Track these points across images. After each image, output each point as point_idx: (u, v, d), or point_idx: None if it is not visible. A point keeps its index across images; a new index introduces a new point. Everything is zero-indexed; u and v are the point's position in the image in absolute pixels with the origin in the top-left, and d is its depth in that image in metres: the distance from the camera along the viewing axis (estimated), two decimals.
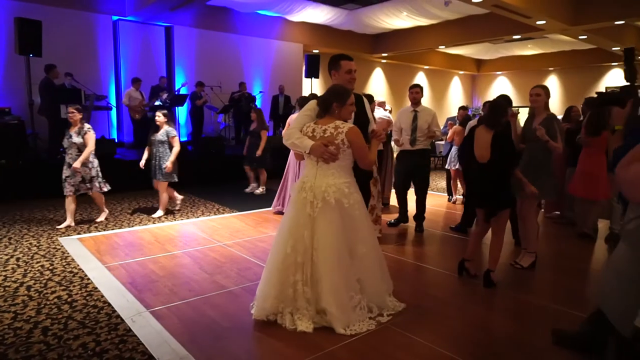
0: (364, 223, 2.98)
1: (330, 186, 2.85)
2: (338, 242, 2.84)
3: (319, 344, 2.71)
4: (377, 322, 2.96)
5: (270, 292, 2.92)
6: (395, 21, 12.19)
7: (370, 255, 2.98)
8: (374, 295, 3.04)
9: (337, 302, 2.82)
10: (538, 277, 4.00)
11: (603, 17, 9.35)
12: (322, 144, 2.81)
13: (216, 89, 10.87)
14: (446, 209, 6.88)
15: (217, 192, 7.77)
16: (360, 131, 2.91)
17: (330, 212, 2.83)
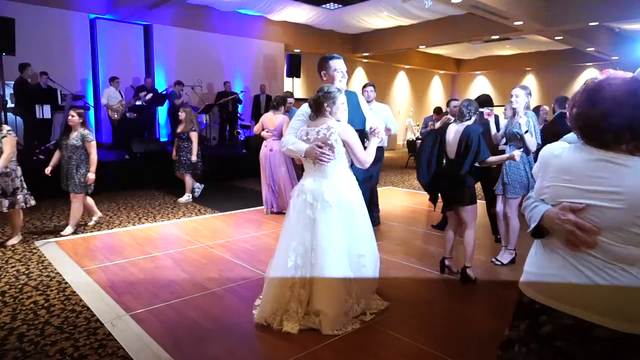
0: (363, 222, 2.97)
1: (329, 187, 2.84)
2: (338, 243, 2.82)
3: (302, 344, 2.71)
4: (360, 320, 2.98)
5: (270, 296, 2.93)
6: (376, 21, 12.25)
7: (369, 256, 2.98)
8: (362, 295, 3.04)
9: (333, 305, 2.82)
10: (517, 273, 4.06)
11: (577, 19, 9.59)
12: (315, 145, 2.81)
13: (197, 88, 10.76)
14: (427, 207, 6.95)
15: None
16: (353, 129, 2.90)
17: (330, 212, 2.81)
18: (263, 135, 6.09)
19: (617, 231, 1.26)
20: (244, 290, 3.54)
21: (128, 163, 8.13)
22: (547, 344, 1.37)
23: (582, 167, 1.33)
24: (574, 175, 1.35)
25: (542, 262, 1.46)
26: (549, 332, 1.37)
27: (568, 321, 1.34)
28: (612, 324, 1.26)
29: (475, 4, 8.21)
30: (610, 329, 1.26)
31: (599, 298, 1.29)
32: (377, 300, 3.21)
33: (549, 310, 1.38)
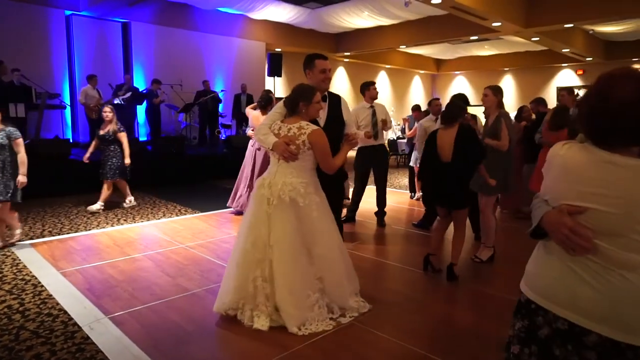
0: (323, 224, 2.94)
1: (287, 185, 2.86)
2: (293, 240, 2.85)
3: (285, 343, 2.71)
4: (337, 322, 2.95)
5: (230, 287, 2.95)
6: (356, 20, 12.29)
7: (329, 257, 2.95)
8: (336, 296, 3.02)
9: (291, 300, 2.82)
10: (497, 270, 4.14)
11: (553, 21, 9.81)
12: (283, 142, 2.85)
13: (177, 87, 10.62)
14: (408, 206, 7.01)
15: (179, 193, 7.59)
16: (324, 134, 2.88)
17: (285, 210, 2.84)
18: (249, 134, 6.06)
19: (617, 237, 1.22)
20: None
21: None
22: (546, 349, 1.34)
23: (586, 168, 1.28)
24: (576, 175, 1.30)
25: (541, 263, 1.42)
26: (547, 336, 1.34)
27: (562, 326, 1.31)
28: (607, 332, 1.22)
29: (455, 5, 8.31)
30: (604, 336, 1.23)
31: (595, 304, 1.25)
32: (359, 302, 3.17)
33: (544, 312, 1.35)
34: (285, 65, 13.46)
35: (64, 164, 7.46)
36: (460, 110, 3.69)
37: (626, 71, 1.24)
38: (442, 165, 3.67)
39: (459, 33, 11.68)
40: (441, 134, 3.70)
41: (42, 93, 8.25)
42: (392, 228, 5.60)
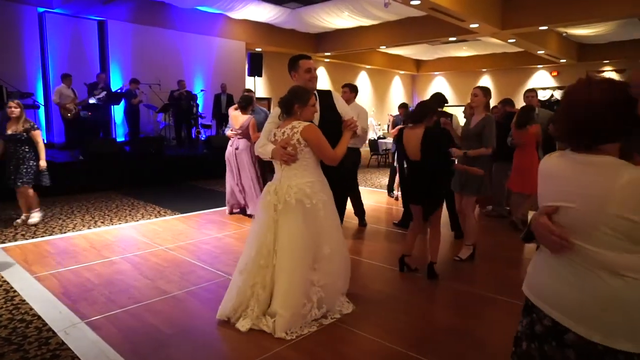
0: (330, 223, 2.94)
1: (292, 187, 2.84)
2: (299, 245, 2.82)
3: (266, 345, 2.69)
4: (319, 324, 2.95)
5: (233, 293, 2.97)
6: (337, 21, 12.31)
7: (335, 256, 2.96)
8: (332, 301, 3.01)
9: (289, 306, 2.80)
10: (476, 268, 4.20)
11: (528, 23, 10.02)
12: (280, 147, 2.84)
13: (155, 87, 10.46)
14: (387, 205, 7.06)
15: (158, 194, 7.47)
16: (316, 128, 2.88)
17: (292, 213, 2.82)
18: (228, 134, 6.01)
19: (590, 234, 1.27)
20: (206, 293, 3.48)
21: (82, 164, 7.79)
22: (541, 345, 1.40)
23: (561, 170, 1.37)
24: (553, 178, 1.39)
25: (536, 264, 1.49)
26: (541, 333, 1.40)
27: (548, 322, 1.37)
28: (584, 332, 1.27)
29: (433, 6, 8.40)
30: (581, 336, 1.27)
31: (576, 304, 1.30)
32: (345, 303, 3.17)
33: (537, 309, 1.41)
34: (266, 65, 13.39)
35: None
36: (428, 111, 3.71)
37: (597, 78, 1.33)
38: (410, 163, 3.74)
39: (438, 34, 11.81)
40: (407, 133, 3.75)
41: (14, 92, 8.01)
42: (372, 227, 5.62)
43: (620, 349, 1.23)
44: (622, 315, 1.23)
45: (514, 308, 3.25)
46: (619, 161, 1.27)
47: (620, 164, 1.25)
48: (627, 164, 1.25)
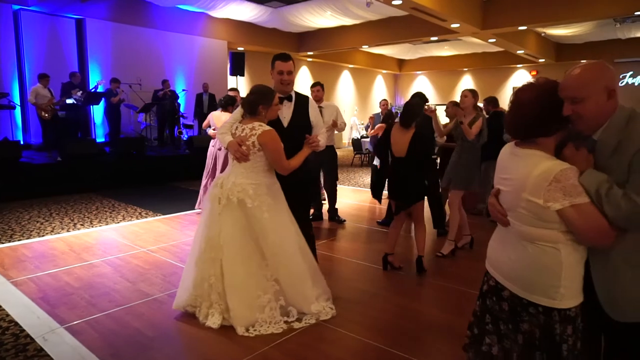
0: (276, 225, 2.88)
1: (236, 185, 2.86)
2: (242, 240, 2.84)
3: (250, 345, 2.68)
4: (289, 326, 2.89)
5: (188, 285, 2.99)
6: (319, 20, 12.31)
7: (282, 258, 2.89)
8: (294, 299, 2.95)
9: (239, 300, 2.81)
10: (457, 264, 4.25)
11: (508, 23, 10.18)
12: (236, 142, 2.87)
13: (135, 86, 10.30)
14: (370, 204, 7.09)
15: (139, 195, 7.37)
16: (275, 135, 2.85)
17: (233, 211, 2.85)
18: (210, 134, 5.97)
19: (513, 211, 1.58)
20: None
21: (61, 165, 7.63)
22: (483, 300, 1.73)
23: (503, 160, 1.68)
24: (500, 166, 1.69)
25: (492, 237, 1.79)
26: (485, 290, 1.73)
27: (492, 282, 1.70)
28: (514, 289, 1.59)
29: (415, 6, 8.46)
30: (513, 293, 1.59)
31: (509, 267, 1.62)
32: (327, 307, 3.08)
33: (487, 273, 1.74)
34: (248, 65, 13.31)
35: (14, 167, 7.09)
36: (416, 115, 3.78)
37: (535, 81, 1.57)
38: (395, 159, 3.80)
39: (420, 34, 11.90)
40: (396, 133, 3.80)
41: None
42: (355, 226, 5.64)
43: (539, 303, 1.53)
44: (538, 275, 1.52)
45: None
46: (541, 155, 1.50)
47: (541, 158, 1.49)
48: (547, 158, 1.49)
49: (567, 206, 1.42)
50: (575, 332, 1.51)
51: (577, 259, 1.51)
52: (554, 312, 1.51)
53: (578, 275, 1.52)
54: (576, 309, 1.52)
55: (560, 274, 1.49)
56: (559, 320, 1.50)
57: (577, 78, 1.46)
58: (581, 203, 1.42)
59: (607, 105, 1.45)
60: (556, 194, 1.43)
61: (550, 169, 1.45)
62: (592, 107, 1.44)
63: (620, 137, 1.42)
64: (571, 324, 1.51)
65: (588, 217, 1.41)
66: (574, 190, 1.42)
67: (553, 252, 1.50)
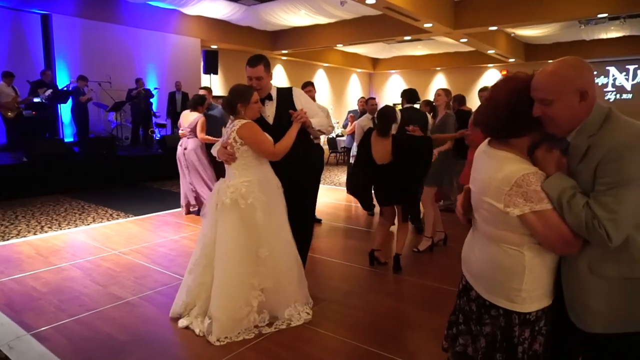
0: (269, 224, 2.85)
1: (230, 187, 2.81)
2: (234, 246, 2.77)
3: (225, 347, 2.64)
4: (258, 332, 2.82)
5: (183, 293, 2.98)
6: (294, 18, 12.26)
7: (278, 259, 2.85)
8: (272, 303, 2.89)
9: (225, 309, 2.74)
10: (434, 261, 4.30)
11: (479, 23, 10.39)
12: (222, 146, 2.84)
13: (105, 84, 10.03)
14: (346, 202, 7.11)
15: (110, 196, 7.18)
16: (253, 125, 2.82)
17: (227, 214, 2.79)
18: (180, 134, 5.89)
19: (477, 211, 1.56)
20: (162, 297, 3.36)
21: (26, 166, 7.36)
22: (458, 299, 1.72)
23: (477, 159, 1.61)
24: (473, 165, 1.64)
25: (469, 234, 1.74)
26: (459, 289, 1.71)
27: (464, 282, 1.67)
28: (479, 289, 1.57)
29: (388, 5, 8.52)
30: (478, 293, 1.57)
31: (475, 267, 1.59)
32: (302, 313, 3.00)
33: (463, 274, 1.71)
34: (222, 63, 13.15)
35: None
36: (391, 123, 3.79)
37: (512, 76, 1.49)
38: (378, 166, 3.79)
39: (393, 33, 12.00)
40: (375, 141, 3.79)
41: None
42: (331, 225, 5.65)
43: (500, 305, 1.49)
44: (500, 277, 1.49)
45: None
46: (508, 158, 1.43)
47: (506, 161, 1.43)
48: (512, 161, 1.41)
49: (528, 212, 1.37)
50: (533, 334, 1.48)
51: (541, 264, 1.45)
52: (514, 315, 1.47)
53: (542, 280, 1.45)
54: (537, 313, 1.47)
55: (523, 277, 1.44)
56: (518, 324, 1.47)
57: (547, 78, 1.35)
58: (542, 210, 1.35)
59: (580, 107, 1.34)
60: (517, 200, 1.37)
61: (513, 173, 1.38)
62: (562, 110, 1.34)
63: (590, 142, 1.32)
64: (529, 327, 1.47)
65: (549, 224, 1.35)
66: (535, 196, 1.35)
67: (516, 255, 1.45)
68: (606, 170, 1.27)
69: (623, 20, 11.25)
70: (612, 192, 1.26)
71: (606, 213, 1.25)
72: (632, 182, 1.25)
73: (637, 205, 1.27)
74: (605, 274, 1.35)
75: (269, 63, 3.09)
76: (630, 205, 1.26)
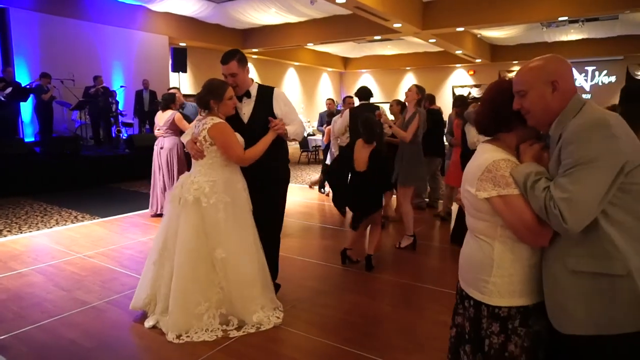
0: (230, 226, 2.79)
1: (194, 183, 2.79)
2: (193, 241, 2.76)
3: (194, 351, 2.60)
4: (224, 335, 2.76)
5: (146, 285, 2.96)
6: (264, 17, 12.17)
7: (233, 262, 2.78)
8: (237, 307, 2.82)
9: (179, 305, 2.72)
10: (405, 259, 4.35)
11: (446, 24, 10.60)
12: (191, 140, 2.83)
13: (68, 82, 9.68)
14: (318, 201, 7.12)
15: (75, 198, 6.95)
16: (225, 128, 2.77)
17: (189, 210, 2.78)
18: (155, 134, 5.77)
19: (465, 204, 1.61)
20: (129, 301, 3.24)
21: None
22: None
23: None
24: None
25: None
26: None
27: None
28: (460, 280, 1.63)
29: (358, 5, 8.57)
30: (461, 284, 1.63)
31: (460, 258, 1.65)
32: (271, 317, 2.92)
33: None
34: (191, 61, 12.92)
35: None
36: (375, 133, 3.88)
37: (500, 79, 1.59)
38: (355, 173, 3.91)
39: (363, 32, 12.09)
40: (359, 147, 3.91)
41: None
42: (303, 224, 5.64)
43: (471, 295, 1.55)
44: (473, 267, 1.54)
45: (443, 296, 3.43)
46: (490, 148, 1.51)
47: (487, 150, 1.51)
48: (491, 151, 1.50)
49: (495, 196, 1.41)
50: (505, 332, 1.46)
51: (512, 259, 1.46)
52: (482, 306, 1.50)
53: (513, 276, 1.46)
54: (510, 311, 1.46)
55: (491, 270, 1.47)
56: (486, 316, 1.49)
57: (521, 72, 1.43)
58: (508, 194, 1.40)
59: (552, 98, 1.37)
60: (486, 184, 1.43)
61: (485, 160, 1.46)
62: (535, 100, 1.39)
63: (562, 131, 1.34)
64: (498, 322, 1.47)
65: (514, 209, 1.39)
66: (503, 181, 1.40)
67: (487, 247, 1.49)
68: (565, 153, 1.29)
69: (582, 23, 11.72)
70: (568, 172, 1.27)
71: (560, 192, 1.26)
72: (588, 162, 1.24)
73: (596, 187, 1.24)
74: (578, 269, 1.32)
75: (244, 58, 2.99)
76: (586, 186, 1.24)
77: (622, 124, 1.28)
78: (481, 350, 1.51)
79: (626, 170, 1.24)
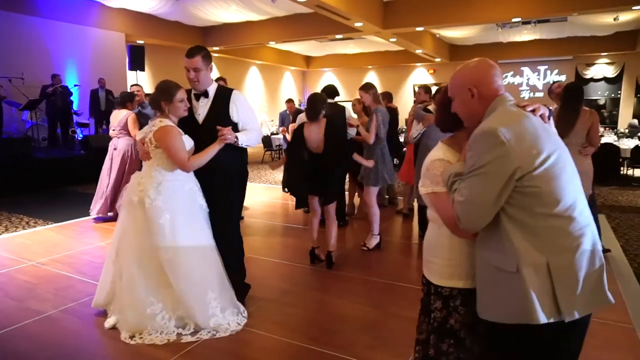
0: (177, 228, 2.72)
1: (139, 184, 2.79)
2: (138, 242, 2.76)
3: (157, 356, 2.54)
4: (180, 338, 2.71)
5: (104, 285, 2.97)
6: (224, 14, 11.99)
7: (179, 265, 2.72)
8: (192, 311, 2.75)
9: (130, 304, 2.72)
10: (370, 256, 4.40)
11: (406, 23, 10.80)
12: (140, 141, 2.84)
13: (17, 81, 9.20)
14: (282, 201, 7.10)
15: (26, 203, 6.62)
16: (171, 131, 2.71)
17: (134, 211, 2.78)
18: (110, 134, 5.57)
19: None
20: (87, 309, 3.15)
21: None
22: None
23: None
24: None
25: None
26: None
27: None
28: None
29: (319, 4, 8.59)
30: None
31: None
32: (231, 322, 2.85)
33: None
34: (150, 59, 12.58)
35: None
36: (322, 105, 3.79)
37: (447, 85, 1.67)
38: (314, 156, 3.78)
39: (325, 31, 12.13)
40: (308, 130, 3.80)
41: None
42: (267, 224, 5.61)
43: (424, 274, 1.74)
44: (426, 249, 1.73)
45: (407, 292, 3.49)
46: (438, 147, 1.67)
47: (435, 149, 1.67)
48: (438, 149, 1.65)
49: (430, 192, 1.59)
50: (448, 309, 1.63)
51: (449, 244, 1.61)
52: (431, 285, 1.69)
53: (453, 260, 1.60)
54: (452, 291, 1.61)
55: (435, 252, 1.67)
56: (433, 293, 1.68)
57: (450, 79, 1.57)
58: (437, 192, 1.57)
59: (473, 102, 1.48)
60: (426, 180, 1.62)
61: (428, 158, 1.65)
62: (459, 105, 1.53)
63: None
64: (441, 300, 1.64)
65: (442, 205, 1.54)
66: (435, 180, 1.57)
67: (434, 231, 1.69)
68: (467, 158, 1.40)
69: (534, 24, 12.22)
70: (465, 177, 1.39)
71: (458, 196, 1.39)
72: (479, 169, 1.33)
73: (485, 193, 1.32)
74: (487, 261, 1.43)
75: (209, 56, 2.93)
76: (477, 192, 1.33)
77: (517, 133, 1.31)
78: (432, 321, 1.68)
79: (517, 176, 1.30)
